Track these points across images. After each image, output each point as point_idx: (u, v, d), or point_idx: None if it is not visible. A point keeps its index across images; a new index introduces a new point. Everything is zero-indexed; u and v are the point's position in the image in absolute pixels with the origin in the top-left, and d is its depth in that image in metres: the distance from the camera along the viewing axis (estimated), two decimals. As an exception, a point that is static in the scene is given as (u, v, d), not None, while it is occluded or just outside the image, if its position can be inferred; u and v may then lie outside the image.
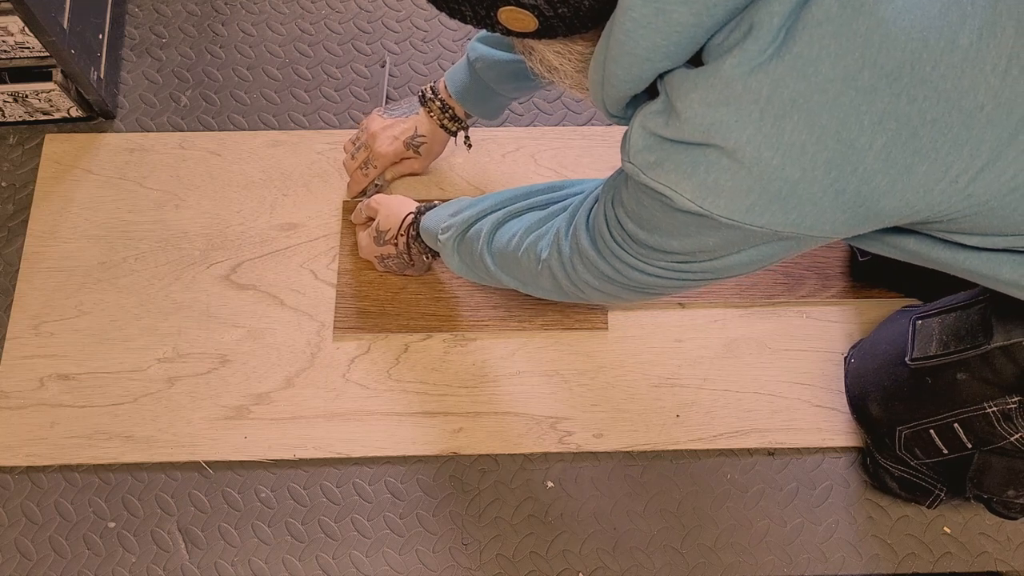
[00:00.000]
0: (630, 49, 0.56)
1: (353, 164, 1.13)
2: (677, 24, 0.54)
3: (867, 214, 0.61)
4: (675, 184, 0.60)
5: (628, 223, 0.70)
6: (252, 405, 1.06)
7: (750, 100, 0.55)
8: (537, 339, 1.09)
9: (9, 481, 1.05)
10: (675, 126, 0.58)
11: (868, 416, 0.99)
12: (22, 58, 1.12)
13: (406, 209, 1.03)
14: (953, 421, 0.88)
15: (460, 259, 0.95)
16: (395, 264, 1.08)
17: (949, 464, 0.93)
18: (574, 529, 1.03)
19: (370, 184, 1.13)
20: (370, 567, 1.02)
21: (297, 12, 1.29)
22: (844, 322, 1.10)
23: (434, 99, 1.06)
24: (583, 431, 1.06)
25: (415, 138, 1.08)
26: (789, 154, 0.56)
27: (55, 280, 1.12)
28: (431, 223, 0.98)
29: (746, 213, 0.60)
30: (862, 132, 0.56)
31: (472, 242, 0.92)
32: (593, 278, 0.79)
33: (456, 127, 1.08)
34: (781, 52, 0.54)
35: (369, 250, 1.08)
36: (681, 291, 0.79)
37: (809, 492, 1.05)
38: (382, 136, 1.09)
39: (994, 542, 1.03)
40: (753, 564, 1.02)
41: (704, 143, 0.58)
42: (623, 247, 0.73)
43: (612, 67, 0.59)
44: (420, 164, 1.12)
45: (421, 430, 1.06)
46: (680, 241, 0.67)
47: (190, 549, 1.03)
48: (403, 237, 1.03)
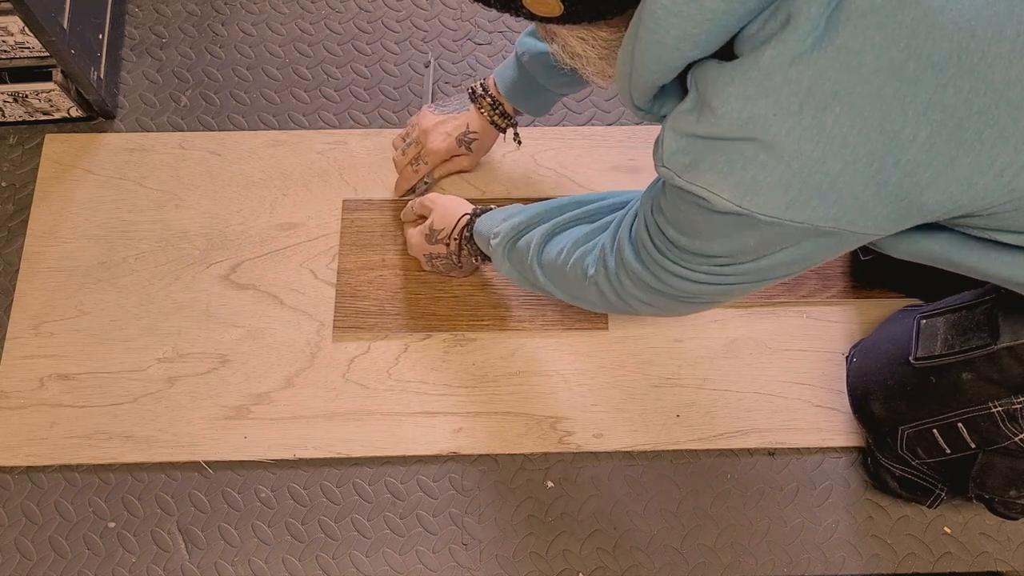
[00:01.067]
0: (660, 37, 0.55)
1: (404, 160, 1.12)
2: (709, 12, 0.53)
3: (909, 208, 0.60)
4: (711, 185, 0.59)
5: (669, 229, 0.69)
6: (252, 405, 1.06)
7: (790, 92, 0.54)
8: (537, 339, 1.09)
9: (9, 481, 1.05)
10: (709, 121, 0.57)
11: (870, 415, 0.99)
12: (22, 58, 1.12)
13: (462, 210, 1.03)
14: (957, 421, 0.88)
15: (511, 266, 0.95)
16: (443, 264, 1.07)
17: (950, 464, 0.93)
18: (574, 529, 1.03)
19: (420, 181, 1.13)
20: (370, 567, 1.02)
21: (297, 12, 1.29)
22: (844, 322, 1.10)
23: (484, 95, 1.06)
24: (583, 431, 1.06)
25: (467, 135, 1.08)
26: (830, 147, 0.55)
27: (55, 280, 1.12)
28: (485, 227, 0.98)
29: (786, 209, 0.59)
30: (906, 123, 0.55)
31: (523, 252, 0.92)
32: (640, 291, 0.78)
33: (506, 123, 1.07)
34: (823, 43, 0.53)
35: (420, 248, 1.07)
36: (728, 298, 0.78)
37: (809, 492, 1.05)
38: (434, 132, 1.09)
39: (994, 542, 1.03)
40: (753, 564, 1.02)
41: (741, 138, 0.57)
42: (666, 255, 0.72)
43: (641, 56, 0.58)
44: (470, 161, 1.12)
45: (421, 430, 1.06)
46: (720, 243, 0.66)
47: (190, 549, 1.03)
48: (456, 238, 1.02)
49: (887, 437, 0.96)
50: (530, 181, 1.17)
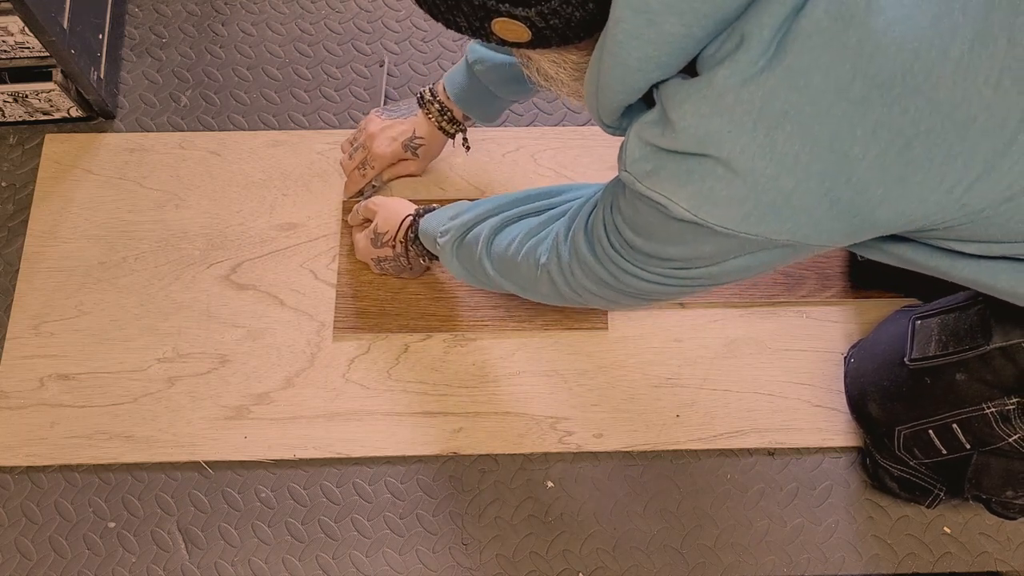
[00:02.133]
0: (622, 60, 0.57)
1: (351, 164, 1.13)
2: (668, 35, 0.54)
3: (862, 224, 0.61)
4: (671, 193, 0.61)
5: (626, 230, 0.70)
6: (252, 405, 1.06)
7: (743, 111, 0.55)
8: (537, 339, 1.09)
9: (9, 481, 1.05)
10: (670, 136, 0.59)
11: (867, 416, 0.99)
12: (22, 58, 1.12)
13: (405, 211, 1.03)
14: (952, 422, 0.88)
15: (459, 263, 0.95)
16: (392, 267, 1.08)
17: (948, 464, 0.93)
18: (574, 529, 1.03)
19: (367, 185, 1.13)
20: (370, 567, 1.02)
21: (297, 12, 1.29)
22: (844, 322, 1.10)
23: (433, 101, 1.06)
24: (583, 431, 1.06)
25: (413, 140, 1.08)
26: (783, 164, 0.57)
27: (55, 280, 1.12)
28: (430, 226, 0.98)
29: (741, 222, 0.60)
30: (855, 143, 0.56)
31: (471, 246, 0.92)
32: (591, 283, 0.79)
33: (454, 129, 1.08)
34: (773, 64, 0.54)
35: (366, 252, 1.08)
36: (679, 297, 0.80)
37: (809, 492, 1.05)
38: (380, 137, 1.09)
39: (994, 542, 1.03)
40: (753, 564, 1.02)
41: (698, 153, 0.58)
42: (621, 253, 0.73)
43: (605, 78, 0.59)
44: (417, 166, 1.12)
45: (421, 430, 1.06)
46: (677, 248, 0.67)
47: (190, 549, 1.03)
48: (401, 240, 1.03)
49: (884, 438, 0.97)
50: (530, 181, 1.17)
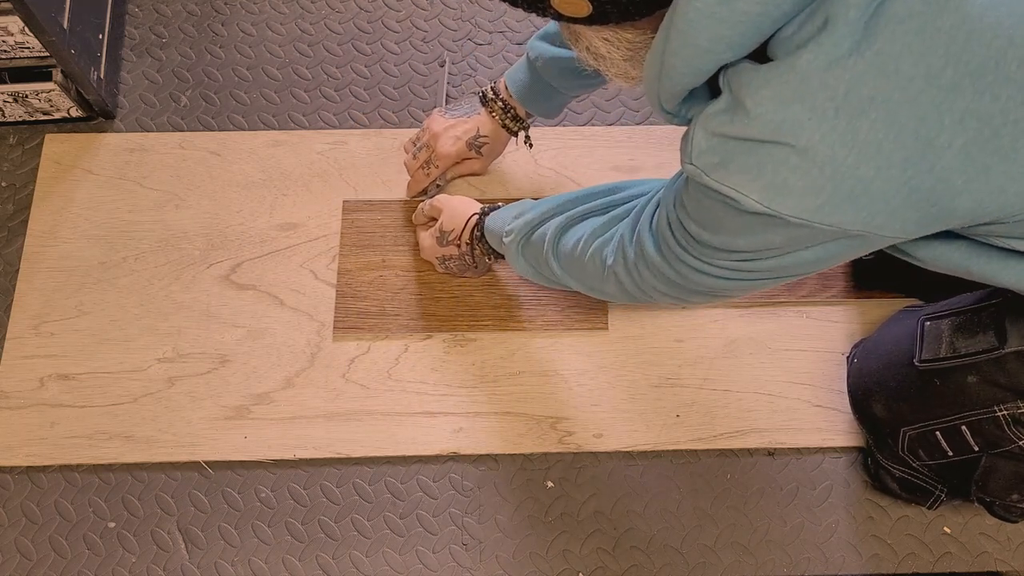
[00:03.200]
0: (692, 40, 0.55)
1: (415, 164, 1.12)
2: (742, 14, 0.53)
3: (939, 213, 0.60)
4: (741, 186, 0.59)
5: (691, 225, 0.69)
6: (252, 405, 1.06)
7: (825, 97, 0.54)
8: (537, 339, 1.09)
9: (9, 481, 1.05)
10: (743, 123, 0.57)
11: (871, 416, 0.99)
12: (22, 58, 1.12)
13: (470, 210, 1.03)
14: (960, 424, 0.87)
15: (526, 261, 0.94)
16: (456, 265, 1.07)
17: (951, 466, 0.93)
18: (574, 529, 1.03)
19: (431, 184, 1.13)
20: (370, 567, 1.02)
21: (297, 12, 1.29)
22: (844, 322, 1.10)
23: (495, 99, 1.06)
24: (583, 431, 1.06)
25: (477, 138, 1.08)
26: (864, 152, 0.55)
27: (55, 280, 1.12)
28: (495, 224, 0.97)
29: (816, 212, 0.59)
30: (942, 130, 0.55)
31: (537, 246, 0.91)
32: (659, 283, 0.79)
33: (517, 127, 1.07)
34: (861, 48, 0.53)
35: (431, 251, 1.07)
36: (747, 292, 0.78)
37: (809, 492, 1.05)
38: (444, 136, 1.08)
39: (994, 542, 1.03)
40: (753, 564, 1.02)
41: (773, 141, 0.57)
42: (687, 249, 0.72)
43: (672, 59, 0.58)
44: (481, 164, 1.12)
45: (421, 430, 1.06)
46: (746, 240, 0.66)
47: (190, 549, 1.03)
48: (467, 239, 1.02)
49: (888, 438, 0.96)
50: (530, 181, 1.17)
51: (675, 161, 1.21)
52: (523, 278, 0.99)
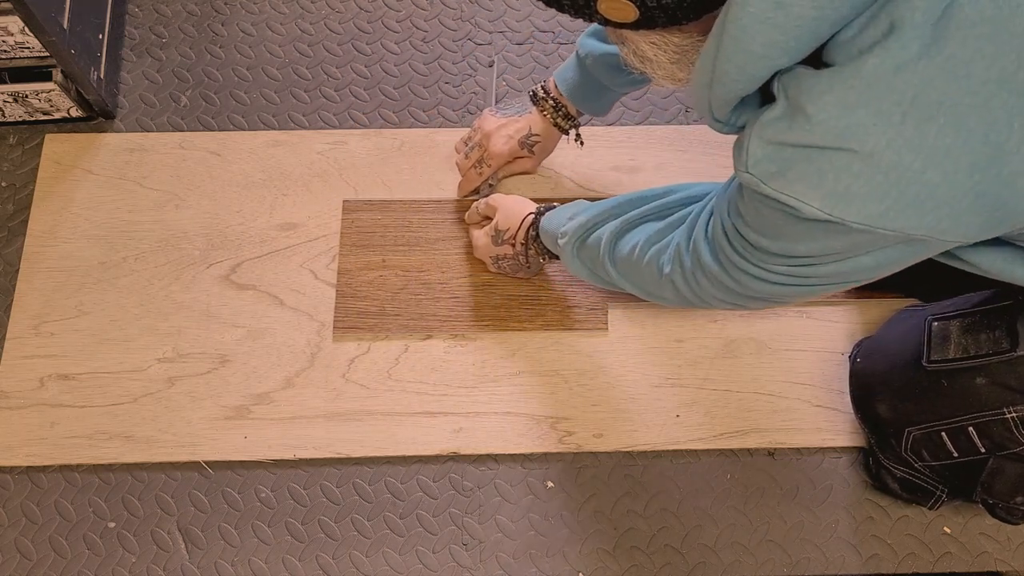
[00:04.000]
0: (745, 46, 0.55)
1: (467, 163, 1.12)
2: (798, 18, 0.52)
3: (1004, 217, 0.59)
4: (801, 194, 0.59)
5: (749, 232, 0.69)
6: (252, 405, 1.06)
7: (892, 102, 0.53)
8: (537, 339, 1.09)
9: (9, 481, 1.05)
10: (803, 130, 0.56)
11: (875, 416, 0.98)
12: (22, 58, 1.12)
13: (526, 209, 1.03)
14: (968, 425, 0.87)
15: (581, 263, 0.94)
16: (509, 265, 1.07)
17: (954, 467, 0.93)
18: (574, 529, 1.03)
19: (484, 183, 1.13)
20: (370, 567, 1.02)
21: (297, 12, 1.29)
22: (844, 322, 1.10)
23: (546, 98, 1.06)
24: (583, 431, 1.06)
25: (529, 137, 1.08)
26: (932, 158, 0.55)
27: (55, 280, 1.12)
28: (550, 225, 0.97)
29: (879, 218, 0.58)
30: (1011, 135, 0.54)
31: (593, 249, 0.91)
32: (717, 291, 0.78)
33: (568, 125, 1.07)
34: (931, 52, 0.52)
35: (485, 250, 1.07)
36: (806, 297, 0.78)
37: (809, 492, 1.05)
38: (496, 135, 1.09)
39: (994, 542, 1.03)
40: (753, 564, 1.02)
41: (835, 147, 0.56)
42: (745, 256, 0.72)
43: (724, 65, 0.57)
44: (532, 163, 1.12)
45: (421, 430, 1.06)
46: (805, 245, 0.66)
47: (190, 549, 1.03)
48: (522, 239, 1.02)
49: (891, 438, 0.96)
50: (530, 181, 1.17)
51: (675, 161, 1.22)
52: (577, 278, 0.99)
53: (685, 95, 0.66)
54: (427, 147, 1.19)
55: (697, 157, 1.17)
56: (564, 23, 1.28)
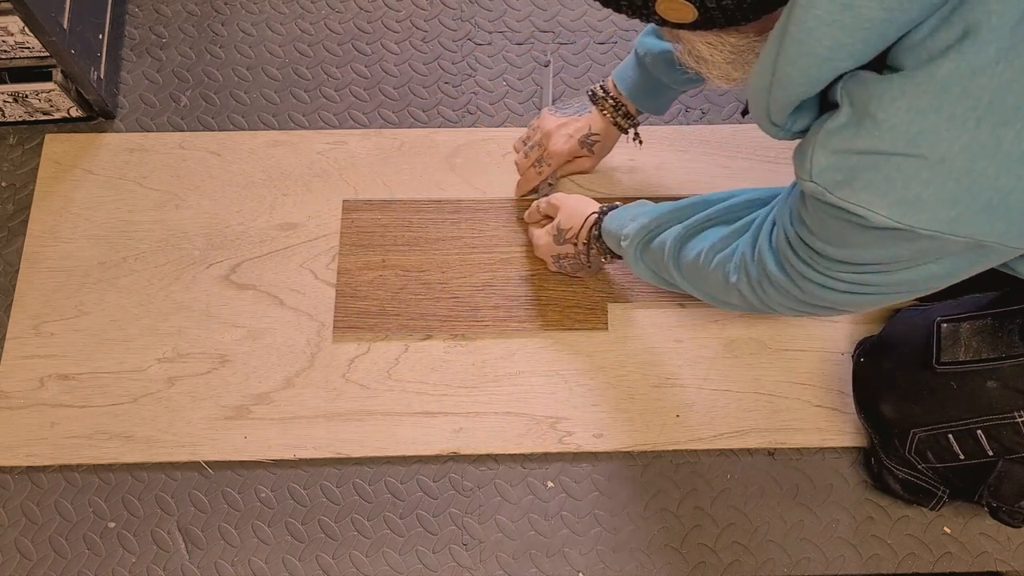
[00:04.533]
0: (810, 48, 0.54)
1: (526, 163, 1.12)
2: (866, 20, 0.52)
3: None
4: (868, 203, 0.58)
5: (815, 241, 0.68)
6: (252, 405, 1.06)
7: (967, 107, 0.53)
8: (537, 339, 1.09)
9: (9, 481, 1.05)
10: (872, 135, 0.55)
11: (879, 416, 0.98)
12: (22, 58, 1.12)
13: (588, 209, 1.02)
14: (976, 428, 0.87)
15: (645, 266, 0.94)
16: (570, 264, 1.07)
17: (958, 469, 0.93)
18: (574, 529, 1.03)
19: (543, 182, 1.13)
20: (370, 567, 1.02)
21: (297, 12, 1.29)
22: (844, 321, 1.10)
23: (606, 97, 1.06)
24: (583, 431, 1.06)
25: (589, 136, 1.08)
26: (1006, 164, 0.54)
27: (55, 280, 1.12)
28: (613, 225, 0.97)
29: (950, 224, 0.57)
30: None
31: (657, 253, 0.91)
32: (784, 299, 0.78)
33: (628, 124, 1.07)
34: (1009, 56, 0.51)
35: (547, 249, 1.07)
36: (875, 306, 0.77)
37: (809, 492, 1.05)
38: (557, 134, 1.09)
39: (994, 542, 1.03)
40: (753, 564, 1.02)
41: (904, 153, 0.55)
42: (811, 265, 0.71)
43: (786, 68, 0.56)
44: (591, 163, 1.12)
45: (421, 430, 1.06)
46: (872, 253, 0.65)
47: (190, 549, 1.03)
48: (584, 238, 1.02)
49: (895, 439, 0.96)
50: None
51: (674, 161, 1.22)
52: (641, 279, 0.98)
53: (747, 96, 0.65)
54: (427, 147, 1.19)
55: (697, 157, 1.17)
56: (564, 24, 1.28)
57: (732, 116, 1.22)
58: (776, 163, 1.17)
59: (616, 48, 1.26)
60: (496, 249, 1.13)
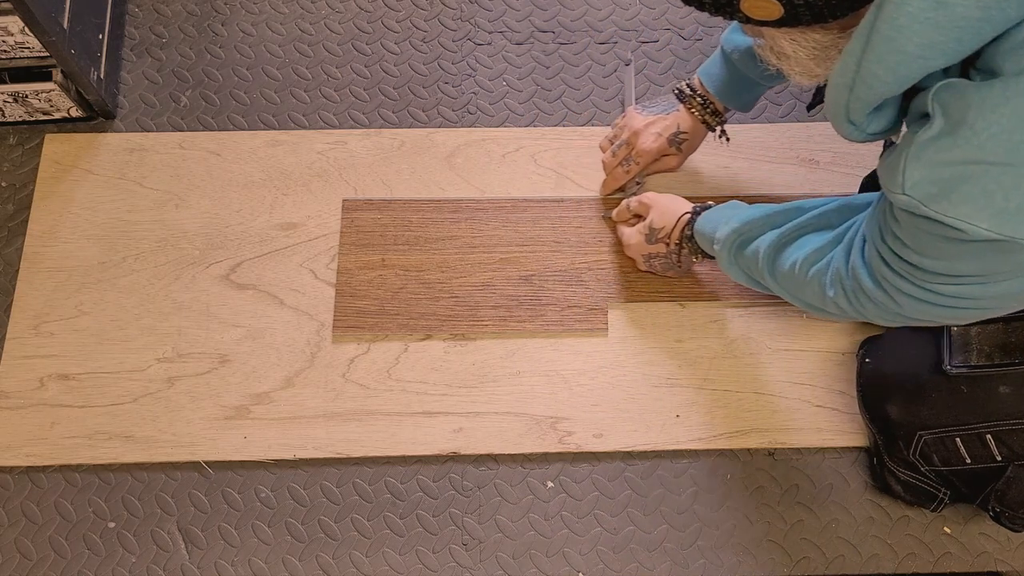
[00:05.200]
0: (900, 46, 0.53)
1: (613, 161, 1.12)
2: (961, 19, 0.50)
3: None
4: (967, 216, 0.57)
5: (910, 254, 0.67)
6: (252, 405, 1.06)
7: None
8: (537, 339, 1.09)
9: (9, 481, 1.05)
10: (969, 145, 0.54)
11: (884, 418, 0.98)
12: (22, 58, 1.12)
13: (681, 209, 1.02)
14: (986, 432, 0.87)
15: (739, 270, 0.93)
16: (661, 264, 1.07)
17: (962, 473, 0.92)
18: (574, 529, 1.03)
19: (630, 181, 1.13)
20: (370, 567, 1.02)
21: (297, 12, 1.29)
22: (845, 322, 1.10)
23: (693, 95, 1.06)
24: (583, 431, 1.06)
25: (677, 135, 1.08)
26: None
27: (55, 280, 1.12)
28: (705, 227, 0.96)
29: None
30: None
31: (751, 259, 0.90)
32: (884, 313, 0.77)
33: (716, 121, 1.07)
34: None
35: (638, 248, 1.07)
36: (976, 318, 0.76)
37: (809, 492, 1.04)
38: (645, 133, 1.08)
39: (994, 542, 1.02)
40: (753, 564, 1.02)
41: (1003, 163, 0.54)
42: (907, 278, 0.70)
43: (872, 66, 0.55)
44: (677, 161, 1.12)
45: (421, 430, 1.06)
46: (970, 264, 0.64)
47: (190, 549, 1.03)
48: (676, 238, 1.02)
49: (900, 441, 0.96)
50: (530, 181, 1.17)
51: (675, 161, 1.20)
52: (736, 282, 0.98)
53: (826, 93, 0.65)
54: (427, 147, 1.19)
55: (697, 157, 1.17)
56: (564, 24, 1.28)
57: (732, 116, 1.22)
58: (776, 163, 1.17)
59: (616, 48, 1.26)
60: (496, 249, 1.13)
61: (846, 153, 1.17)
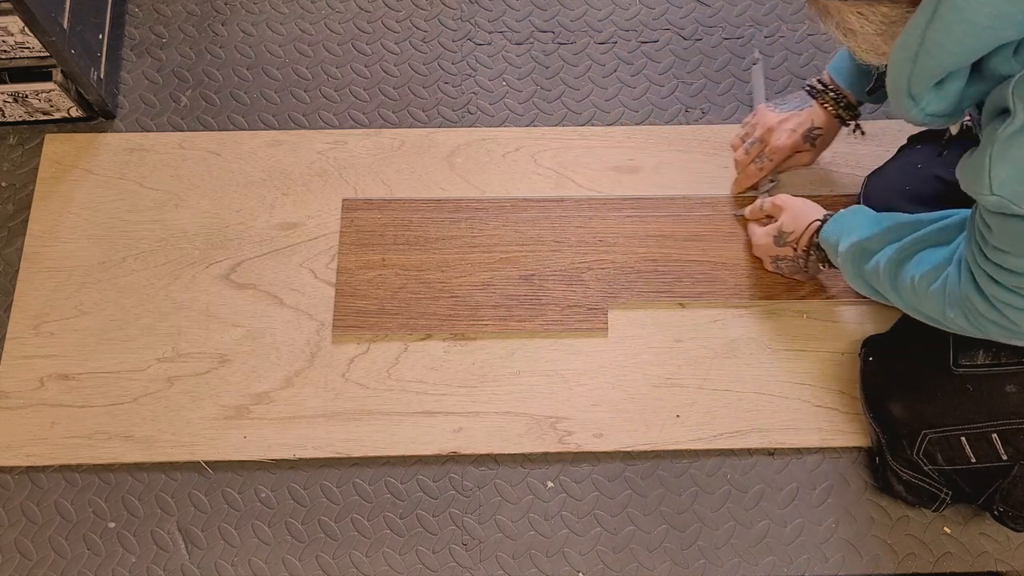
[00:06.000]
0: (969, 15, 0.52)
1: (747, 159, 1.11)
2: None
3: None
4: None
5: (1010, 260, 0.66)
6: (252, 405, 1.06)
7: None
8: (537, 339, 1.09)
9: (9, 481, 1.05)
10: None
11: (888, 417, 0.97)
12: (22, 58, 1.12)
13: (813, 214, 1.01)
14: (991, 432, 0.87)
15: (864, 282, 0.92)
16: (787, 267, 1.07)
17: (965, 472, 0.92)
18: (574, 529, 1.03)
19: (763, 178, 1.13)
20: (370, 567, 1.02)
21: (297, 12, 1.29)
22: (844, 321, 1.10)
23: (825, 91, 1.05)
24: (583, 431, 1.06)
25: (812, 131, 1.07)
26: None
27: (55, 280, 1.12)
28: (830, 236, 0.96)
29: None
30: None
31: (872, 273, 0.90)
32: (1003, 332, 0.77)
33: (850, 115, 1.06)
34: None
35: (766, 249, 1.07)
36: None
37: (809, 492, 1.04)
38: (779, 129, 1.08)
39: (994, 542, 1.02)
40: (753, 564, 1.02)
41: None
42: (1019, 293, 0.69)
43: (938, 36, 0.54)
44: (811, 157, 1.11)
45: (421, 430, 1.06)
46: None
47: (190, 549, 1.03)
48: (804, 244, 1.01)
49: (903, 440, 0.95)
50: (530, 181, 1.17)
51: (674, 160, 1.21)
52: (859, 293, 0.97)
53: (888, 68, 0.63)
54: (427, 147, 1.19)
55: (697, 157, 1.17)
56: (564, 24, 1.28)
57: (732, 116, 1.22)
58: (776, 163, 1.17)
59: (616, 48, 1.26)
60: (496, 248, 1.13)
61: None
